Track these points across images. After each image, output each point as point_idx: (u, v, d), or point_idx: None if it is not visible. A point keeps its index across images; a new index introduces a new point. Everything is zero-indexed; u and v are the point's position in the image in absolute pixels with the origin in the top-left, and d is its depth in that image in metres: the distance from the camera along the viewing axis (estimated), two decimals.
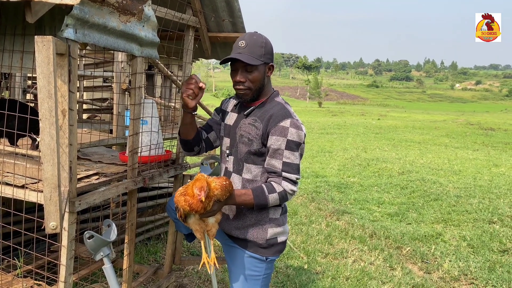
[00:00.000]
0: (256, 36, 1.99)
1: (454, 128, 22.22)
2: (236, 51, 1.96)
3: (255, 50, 1.94)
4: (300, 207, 6.30)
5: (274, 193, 1.92)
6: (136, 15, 2.03)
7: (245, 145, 2.02)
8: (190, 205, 1.78)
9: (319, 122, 23.77)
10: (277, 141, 1.92)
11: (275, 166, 1.94)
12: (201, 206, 1.77)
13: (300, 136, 1.94)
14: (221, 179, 1.88)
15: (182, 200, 1.80)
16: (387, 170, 9.47)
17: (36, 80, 3.72)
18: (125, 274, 2.50)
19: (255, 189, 1.95)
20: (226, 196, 1.87)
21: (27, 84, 5.02)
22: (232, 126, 2.13)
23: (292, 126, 1.93)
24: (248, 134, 2.01)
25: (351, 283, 3.88)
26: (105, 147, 3.34)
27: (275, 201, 1.95)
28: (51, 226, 1.61)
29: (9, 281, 2.55)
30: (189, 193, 1.79)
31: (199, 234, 1.99)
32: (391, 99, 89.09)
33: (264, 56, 1.97)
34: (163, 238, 4.62)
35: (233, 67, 2.00)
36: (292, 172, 1.94)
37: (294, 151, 1.93)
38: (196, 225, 1.96)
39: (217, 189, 1.82)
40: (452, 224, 5.78)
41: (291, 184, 1.94)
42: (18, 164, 2.14)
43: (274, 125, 1.94)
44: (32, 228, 3.15)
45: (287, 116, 1.95)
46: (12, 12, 2.08)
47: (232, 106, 2.21)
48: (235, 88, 2.02)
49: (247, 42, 1.95)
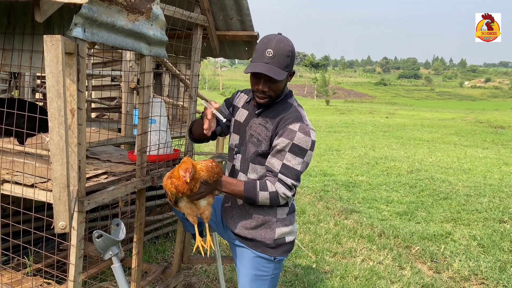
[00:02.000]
0: (283, 43, 1.90)
1: (463, 126, 22.02)
2: (262, 60, 1.87)
3: (282, 61, 1.88)
4: (308, 206, 6.28)
5: (265, 191, 1.90)
6: (144, 14, 2.03)
7: (254, 146, 2.00)
8: (176, 187, 1.80)
9: (327, 121, 23.69)
10: (282, 142, 1.90)
11: (274, 166, 1.92)
12: (187, 187, 1.80)
13: (307, 142, 1.91)
14: (207, 161, 1.90)
15: (169, 183, 1.83)
16: (396, 169, 9.40)
17: (43, 80, 3.70)
18: (133, 273, 2.50)
19: (247, 182, 1.94)
20: (213, 178, 1.88)
21: (36, 83, 5.05)
22: (242, 124, 2.10)
23: (300, 130, 1.90)
24: (258, 135, 1.99)
25: (359, 282, 3.86)
26: (113, 146, 3.34)
27: (265, 200, 1.92)
28: (60, 226, 1.61)
29: (19, 279, 2.56)
30: (175, 175, 1.82)
31: (191, 218, 2.00)
32: (399, 97, 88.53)
33: (289, 66, 1.92)
34: (171, 237, 4.62)
35: (256, 75, 1.94)
36: (289, 176, 1.90)
37: (296, 156, 1.90)
38: (188, 208, 1.97)
39: (203, 170, 1.84)
40: (462, 223, 5.72)
41: (284, 187, 1.91)
42: (27, 163, 2.15)
43: (283, 126, 1.92)
44: (42, 227, 3.18)
45: (298, 119, 1.93)
46: (21, 11, 2.08)
47: (243, 102, 2.18)
48: (256, 95, 1.98)
49: (274, 52, 1.86)
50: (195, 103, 2.86)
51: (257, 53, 1.91)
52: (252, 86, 1.99)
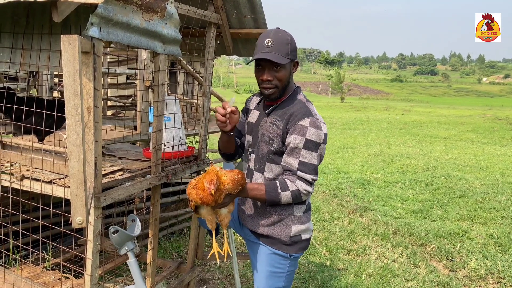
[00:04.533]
0: (281, 33, 1.97)
1: (481, 123, 21.65)
2: (262, 50, 1.93)
3: (282, 48, 1.92)
4: (322, 204, 6.27)
5: (287, 191, 1.91)
6: (158, 13, 2.05)
7: (266, 144, 2.02)
8: (201, 198, 1.82)
9: (342, 118, 23.54)
10: (295, 139, 1.91)
11: (291, 165, 1.93)
12: (211, 199, 1.81)
13: (319, 136, 1.91)
14: (233, 173, 1.90)
15: (193, 193, 1.84)
16: (412, 166, 9.31)
17: (61, 78, 3.78)
18: (148, 268, 2.54)
19: (268, 185, 1.95)
20: (237, 189, 1.89)
21: (54, 82, 5.14)
22: (254, 124, 2.14)
23: (311, 125, 1.90)
24: (269, 133, 2.01)
25: (374, 280, 3.85)
26: (129, 144, 3.39)
27: (288, 199, 1.94)
28: (78, 221, 1.65)
29: (38, 273, 2.63)
30: (200, 186, 1.82)
31: (211, 224, 2.02)
32: (415, 93, 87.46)
33: (290, 54, 1.95)
34: (185, 233, 4.67)
35: (260, 66, 1.98)
36: (308, 172, 1.92)
37: (312, 151, 1.91)
38: (209, 215, 1.99)
39: (228, 182, 1.85)
40: (479, 222, 5.65)
41: (305, 184, 1.92)
42: (45, 160, 2.20)
43: (293, 123, 1.93)
44: (59, 222, 3.25)
45: (307, 115, 1.93)
46: (39, 11, 2.13)
47: (254, 104, 2.22)
48: (262, 86, 2.01)
49: (273, 40, 1.92)
50: (209, 101, 2.89)
51: (258, 46, 1.97)
52: (257, 80, 2.03)
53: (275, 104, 2.05)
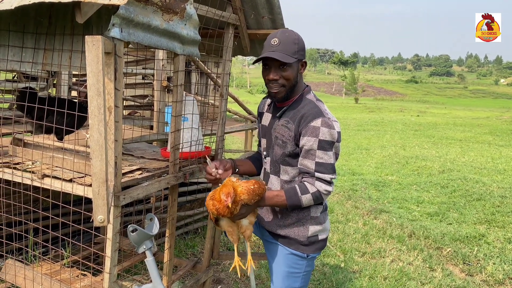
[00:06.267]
0: (288, 33, 1.97)
1: (498, 125, 21.29)
2: (269, 49, 1.93)
3: (289, 47, 1.92)
4: (336, 205, 6.24)
5: (307, 193, 1.91)
6: (178, 14, 2.06)
7: (280, 147, 2.02)
8: (217, 209, 1.84)
9: (356, 119, 23.38)
10: (309, 141, 1.90)
11: (308, 167, 1.92)
12: (227, 211, 1.82)
13: (332, 135, 1.90)
14: (249, 183, 1.90)
15: (210, 204, 1.87)
16: (427, 169, 9.20)
17: (79, 78, 3.81)
18: (165, 267, 2.56)
19: (288, 190, 1.94)
20: (254, 199, 1.88)
21: (72, 82, 5.22)
22: (267, 127, 2.15)
23: (323, 125, 1.89)
24: (282, 136, 2.01)
25: (389, 283, 3.82)
26: (146, 143, 3.42)
27: (309, 202, 1.93)
28: (99, 219, 1.67)
29: (57, 270, 2.67)
30: (216, 198, 1.85)
31: (231, 237, 2.03)
32: (430, 95, 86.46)
33: (297, 53, 1.94)
34: (200, 232, 4.70)
35: (267, 66, 1.98)
36: (326, 172, 1.91)
37: (327, 151, 1.90)
38: (229, 227, 2.00)
39: (244, 193, 1.85)
40: (496, 226, 5.56)
41: (325, 184, 1.91)
42: (66, 158, 2.23)
43: (305, 125, 1.92)
44: (77, 220, 3.29)
45: (318, 115, 1.92)
46: (61, 12, 2.16)
47: (266, 106, 2.23)
48: (269, 86, 2.01)
49: (280, 39, 1.92)
50: (226, 101, 2.90)
51: (265, 47, 1.97)
52: (264, 80, 2.03)
53: (285, 106, 2.05)
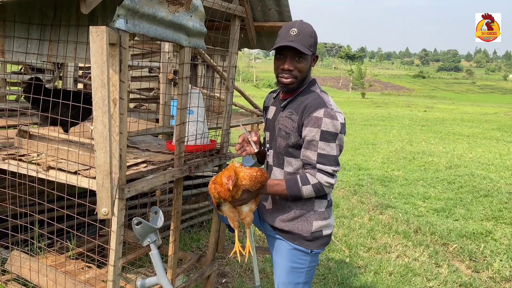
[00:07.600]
0: (306, 25, 1.96)
1: (506, 121, 21.10)
2: (287, 39, 1.91)
3: (306, 39, 1.92)
4: (342, 200, 6.21)
5: (308, 184, 1.89)
6: (184, 5, 2.04)
7: (283, 139, 2.00)
8: (218, 192, 1.88)
9: (362, 114, 23.27)
10: (311, 132, 1.88)
11: (310, 158, 1.91)
12: (228, 194, 1.87)
13: (335, 126, 1.88)
14: (252, 170, 1.93)
15: (212, 187, 1.91)
16: (434, 164, 9.14)
17: (85, 70, 3.80)
18: (170, 261, 2.55)
19: (289, 180, 1.94)
20: (256, 186, 1.92)
21: (78, 74, 5.22)
22: (271, 120, 2.14)
23: (326, 116, 1.87)
24: (285, 128, 1.99)
25: (394, 278, 3.79)
26: (151, 136, 3.41)
27: (310, 193, 1.92)
28: (103, 212, 1.66)
29: (62, 262, 2.68)
30: (218, 181, 1.89)
31: (232, 223, 2.05)
32: (438, 90, 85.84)
33: (313, 47, 1.95)
34: (205, 226, 4.70)
35: (281, 55, 1.96)
36: (327, 164, 1.89)
37: (329, 142, 1.88)
38: (230, 213, 2.03)
39: (245, 179, 1.89)
40: (504, 222, 5.51)
41: (326, 176, 1.89)
42: (71, 151, 2.23)
43: (308, 115, 1.90)
44: (83, 213, 3.30)
45: (321, 105, 1.90)
46: (66, 3, 2.14)
47: (271, 100, 2.23)
48: (281, 76, 1.98)
49: (298, 30, 1.91)
50: (231, 95, 2.87)
51: (281, 36, 1.95)
52: (276, 69, 2.00)
53: (290, 97, 2.04)
